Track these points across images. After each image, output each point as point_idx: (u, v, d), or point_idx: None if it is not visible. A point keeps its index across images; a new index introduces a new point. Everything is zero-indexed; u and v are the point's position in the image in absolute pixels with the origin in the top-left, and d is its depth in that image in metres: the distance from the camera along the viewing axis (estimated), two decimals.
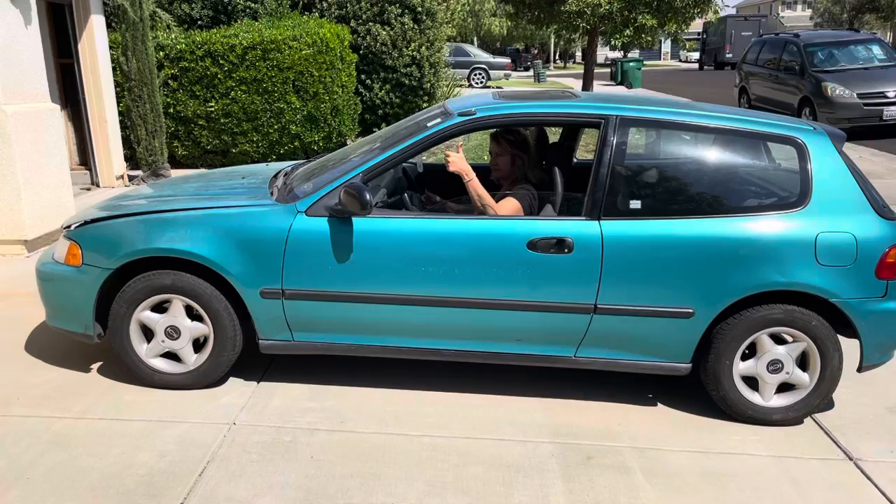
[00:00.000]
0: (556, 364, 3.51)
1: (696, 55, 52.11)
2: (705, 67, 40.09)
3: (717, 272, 3.29)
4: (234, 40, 9.84)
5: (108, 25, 9.20)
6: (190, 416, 3.35)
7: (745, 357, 3.44)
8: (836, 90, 12.50)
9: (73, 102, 8.77)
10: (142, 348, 3.56)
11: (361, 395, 3.60)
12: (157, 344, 3.55)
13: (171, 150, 10.22)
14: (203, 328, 3.52)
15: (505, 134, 3.83)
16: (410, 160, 4.17)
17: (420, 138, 3.46)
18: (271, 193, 3.66)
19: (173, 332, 3.52)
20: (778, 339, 3.42)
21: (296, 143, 10.12)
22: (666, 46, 62.93)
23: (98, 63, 8.45)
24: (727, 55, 37.05)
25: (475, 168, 3.61)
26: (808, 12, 64.07)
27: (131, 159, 9.36)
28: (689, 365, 3.45)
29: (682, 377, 3.51)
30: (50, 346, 4.03)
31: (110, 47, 9.05)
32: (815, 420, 3.52)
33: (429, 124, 3.55)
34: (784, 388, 3.48)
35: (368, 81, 11.35)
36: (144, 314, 3.51)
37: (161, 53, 9.92)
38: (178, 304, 3.49)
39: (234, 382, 3.68)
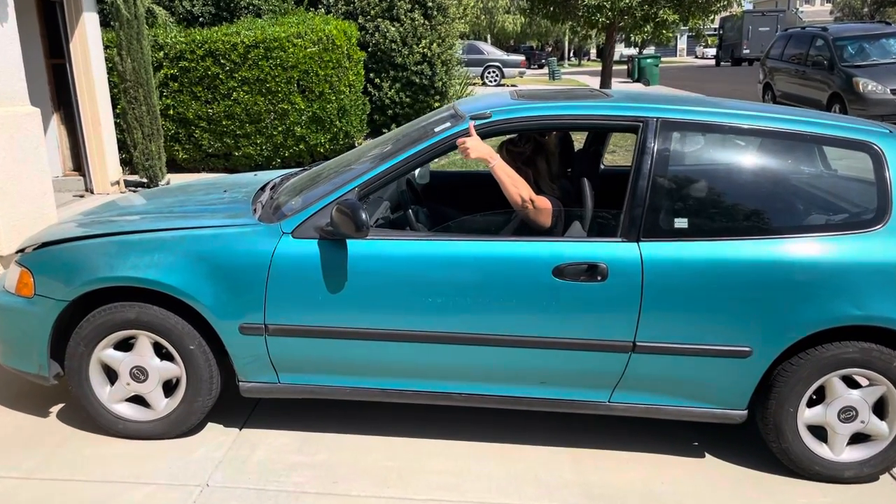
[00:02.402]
0: (587, 410, 2.98)
1: (712, 51, 51.35)
2: (722, 63, 39.60)
3: (780, 304, 2.75)
4: (235, 38, 9.37)
5: (106, 24, 8.77)
6: (156, 474, 2.85)
7: (811, 403, 2.90)
8: (867, 86, 11.86)
9: (65, 105, 8.32)
10: (104, 392, 3.07)
11: (359, 445, 3.09)
12: (122, 387, 3.06)
13: (171, 154, 9.78)
14: (174, 369, 3.02)
15: (510, 144, 3.30)
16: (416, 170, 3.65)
17: (426, 146, 2.95)
18: (254, 211, 3.16)
19: (139, 374, 3.02)
20: (851, 383, 2.89)
21: (301, 146, 9.64)
22: (682, 42, 61.94)
23: (91, 63, 7.99)
24: (744, 51, 37.02)
25: (482, 177, 3.06)
26: (828, 6, 62.91)
27: (130, 164, 8.91)
28: (745, 412, 2.92)
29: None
30: (7, 384, 3.54)
31: (106, 47, 8.61)
32: (893, 477, 2.98)
33: (436, 129, 3.03)
34: (858, 439, 2.94)
35: (377, 80, 10.84)
36: (106, 353, 3.02)
37: (161, 53, 9.48)
38: (144, 340, 2.99)
39: (212, 430, 3.18)
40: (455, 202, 3.95)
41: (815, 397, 2.90)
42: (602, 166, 4.17)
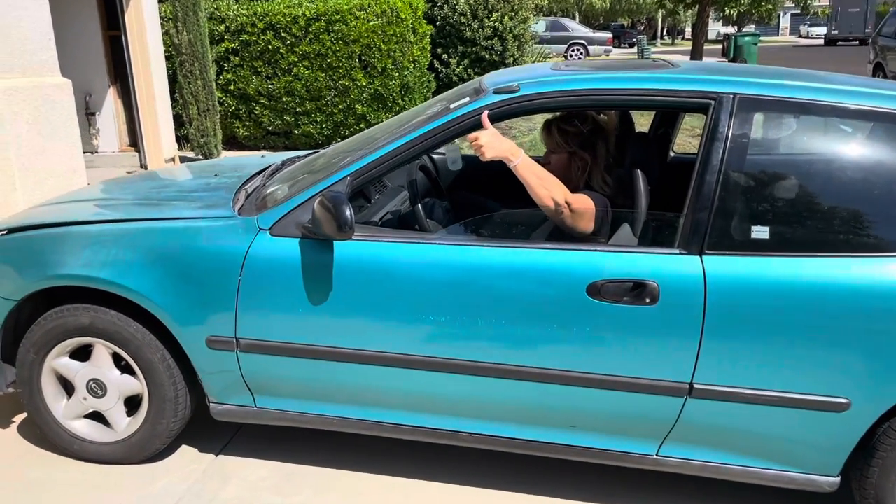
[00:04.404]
0: (628, 463, 2.37)
1: (817, 30, 48.55)
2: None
3: (892, 344, 2.06)
4: (296, 11, 8.98)
5: None
6: None
7: None
8: None
9: (122, 78, 8.12)
10: (58, 406, 2.65)
11: (349, 485, 2.57)
12: (78, 402, 2.63)
13: (231, 131, 9.53)
14: (135, 384, 2.57)
15: (562, 123, 2.67)
16: (438, 153, 3.09)
17: (434, 126, 2.36)
18: (236, 200, 2.66)
19: (97, 388, 2.59)
20: None
21: (362, 125, 9.18)
22: (785, 21, 58.43)
23: (146, 35, 7.72)
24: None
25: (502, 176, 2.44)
26: None
27: (188, 140, 8.66)
28: (837, 479, 2.24)
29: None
30: None
31: (165, 19, 8.35)
32: None
33: (452, 106, 2.45)
34: None
35: (445, 56, 10.26)
36: (60, 362, 2.60)
37: (222, 26, 9.19)
38: (101, 350, 2.55)
39: (184, 455, 2.73)
40: (499, 194, 3.32)
41: None
42: (672, 153, 3.49)
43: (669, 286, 2.15)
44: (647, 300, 2.16)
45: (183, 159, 8.47)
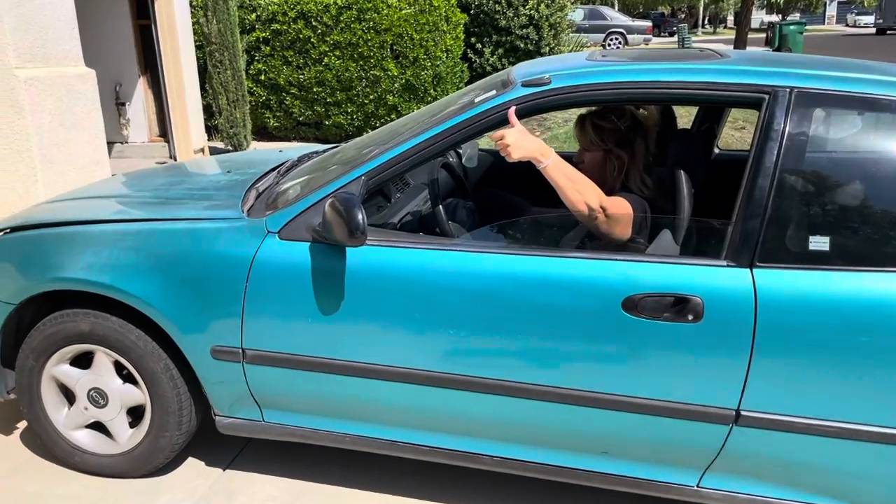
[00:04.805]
0: (664, 494, 2.16)
1: (865, 18, 47.29)
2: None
3: None
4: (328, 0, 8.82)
5: None
6: None
7: None
8: None
9: (152, 68, 8.05)
10: (59, 415, 2.52)
11: None
12: (79, 411, 2.50)
13: (262, 121, 9.44)
14: (137, 394, 2.43)
15: (597, 118, 2.45)
16: (457, 149, 2.89)
17: (456, 122, 2.16)
18: (245, 200, 2.49)
19: (98, 397, 2.45)
20: None
21: (393, 116, 9.02)
22: (831, 9, 56.81)
23: (175, 24, 7.63)
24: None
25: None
26: None
27: (217, 130, 8.58)
28: None
29: None
30: None
31: (195, 8, 8.26)
32: None
33: (476, 100, 2.25)
34: None
35: (479, 45, 10.02)
36: (61, 369, 2.46)
37: (253, 15, 9.08)
38: (102, 357, 2.41)
39: (190, 468, 2.58)
40: (530, 192, 3.10)
41: None
42: (717, 150, 3.25)
43: (715, 302, 1.93)
44: (690, 317, 1.94)
45: (213, 150, 8.39)
